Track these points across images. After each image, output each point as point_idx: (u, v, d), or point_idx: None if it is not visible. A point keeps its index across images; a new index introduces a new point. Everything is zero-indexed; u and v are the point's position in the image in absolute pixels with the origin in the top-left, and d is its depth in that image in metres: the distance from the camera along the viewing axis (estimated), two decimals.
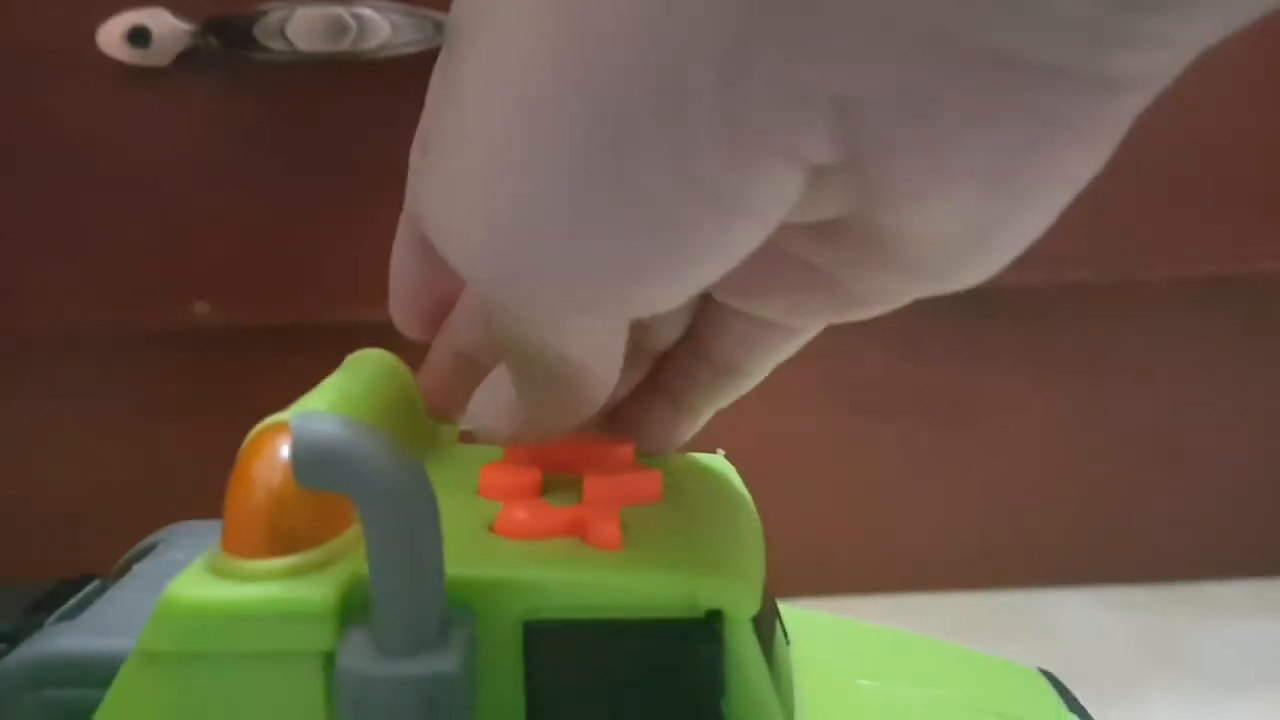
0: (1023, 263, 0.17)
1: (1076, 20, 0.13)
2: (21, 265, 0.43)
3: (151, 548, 0.24)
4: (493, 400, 0.21)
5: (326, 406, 0.19)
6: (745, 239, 0.15)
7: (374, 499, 0.16)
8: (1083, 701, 0.24)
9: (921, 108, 0.14)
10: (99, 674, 0.18)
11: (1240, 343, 0.49)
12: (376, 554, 0.16)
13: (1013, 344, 0.46)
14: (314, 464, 0.15)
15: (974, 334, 0.46)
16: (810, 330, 0.21)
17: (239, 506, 0.18)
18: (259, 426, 0.18)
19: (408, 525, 0.16)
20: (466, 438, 0.24)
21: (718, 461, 0.24)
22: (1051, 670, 0.26)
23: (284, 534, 0.17)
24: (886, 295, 0.18)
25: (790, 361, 0.22)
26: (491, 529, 0.19)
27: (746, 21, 0.13)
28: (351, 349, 0.24)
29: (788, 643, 0.22)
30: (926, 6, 0.13)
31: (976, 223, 0.16)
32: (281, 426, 0.18)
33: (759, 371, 0.22)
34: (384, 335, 0.25)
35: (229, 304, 0.44)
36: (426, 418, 0.24)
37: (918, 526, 0.49)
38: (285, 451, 0.18)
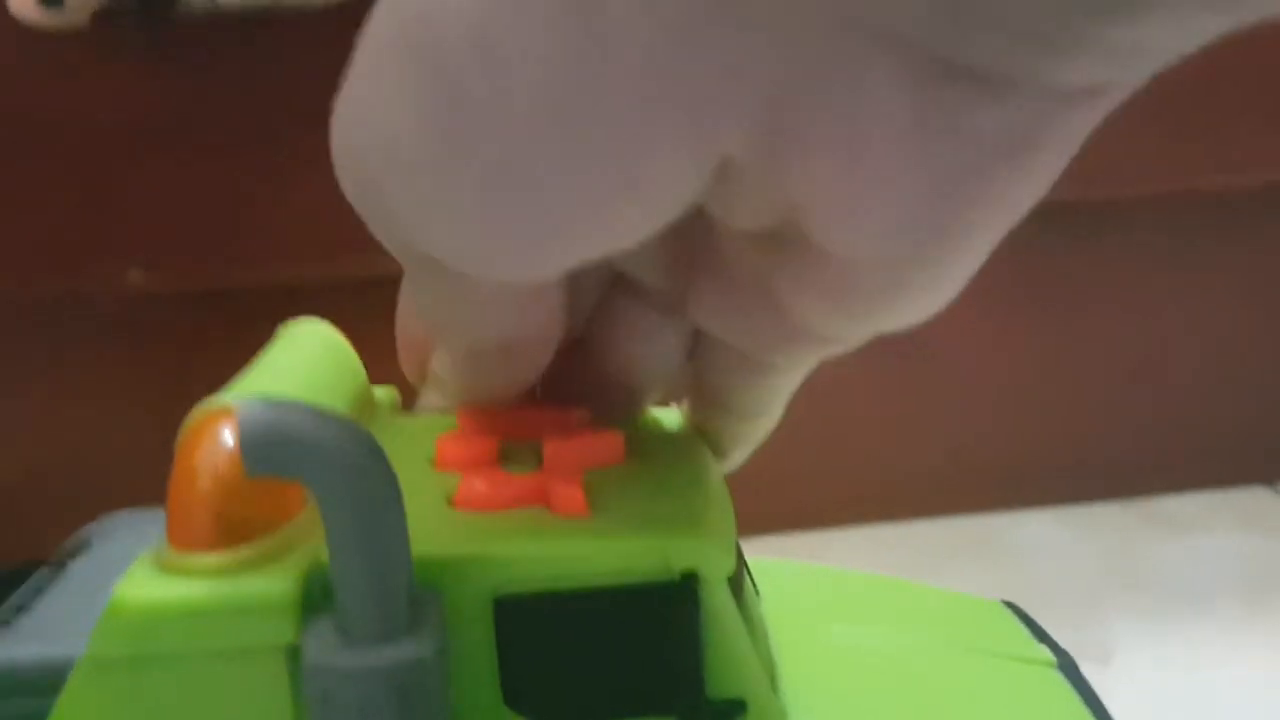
0: None
1: (1029, 29, 0.12)
2: None
3: (85, 542, 0.23)
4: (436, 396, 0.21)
5: (268, 387, 0.18)
6: (628, 219, 0.14)
7: (331, 483, 0.15)
8: (1047, 620, 0.25)
9: (851, 112, 0.13)
10: (43, 683, 0.17)
11: (1188, 257, 0.50)
12: (337, 540, 0.15)
13: None
14: (265, 452, 0.14)
15: None
16: (785, 370, 0.20)
17: (183, 498, 0.17)
18: (196, 411, 0.17)
19: (369, 507, 0.15)
20: (408, 403, 0.24)
21: (675, 415, 0.23)
22: (1016, 591, 0.26)
23: (233, 524, 0.17)
24: (828, 327, 0.18)
25: None
26: (452, 502, 0.18)
27: None
28: (293, 311, 0.23)
29: (758, 595, 0.21)
30: (886, 10, 0.12)
31: (899, 251, 0.15)
32: (221, 410, 0.17)
33: (749, 409, 0.21)
34: (324, 296, 0.24)
35: (163, 270, 0.42)
36: (369, 387, 0.23)
37: (876, 455, 0.49)
38: (228, 436, 0.17)
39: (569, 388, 0.21)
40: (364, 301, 0.23)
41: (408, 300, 0.22)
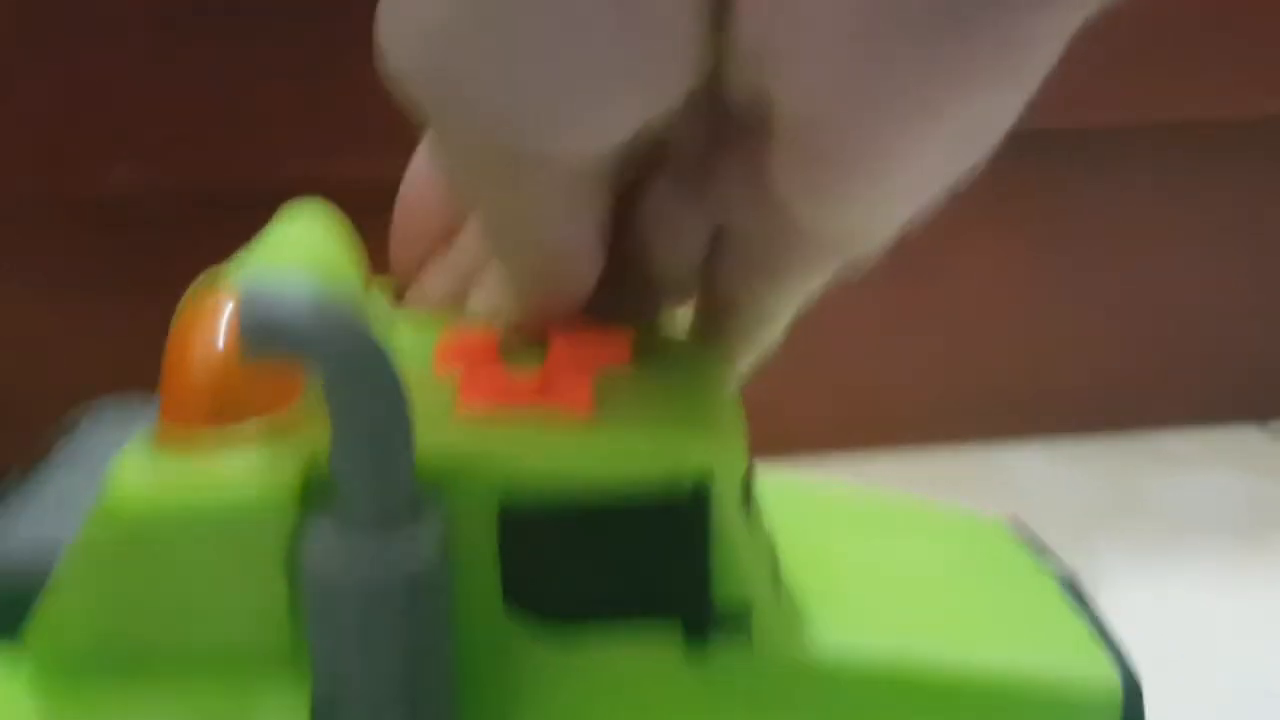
0: None
1: None
2: None
3: (73, 426, 0.22)
4: (489, 299, 0.20)
5: (270, 262, 0.17)
6: (664, 71, 0.15)
7: (336, 365, 0.14)
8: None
9: None
10: (39, 564, 0.17)
11: (1187, 192, 0.49)
12: (341, 425, 0.15)
13: (963, 197, 0.45)
14: (267, 330, 0.14)
15: None
16: (797, 274, 0.20)
17: (180, 371, 0.16)
18: (196, 283, 0.17)
19: (373, 392, 0.15)
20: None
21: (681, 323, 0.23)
22: None
23: (230, 401, 0.16)
24: (804, 209, 0.18)
25: None
26: (452, 398, 0.18)
27: None
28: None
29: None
30: None
31: (838, 108, 0.15)
32: (222, 284, 0.17)
33: (757, 314, 0.21)
34: (321, 195, 0.23)
35: (152, 165, 0.40)
36: (370, 277, 0.22)
37: (871, 383, 0.49)
38: (228, 310, 0.16)
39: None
40: (362, 202, 0.22)
41: (413, 191, 0.21)
